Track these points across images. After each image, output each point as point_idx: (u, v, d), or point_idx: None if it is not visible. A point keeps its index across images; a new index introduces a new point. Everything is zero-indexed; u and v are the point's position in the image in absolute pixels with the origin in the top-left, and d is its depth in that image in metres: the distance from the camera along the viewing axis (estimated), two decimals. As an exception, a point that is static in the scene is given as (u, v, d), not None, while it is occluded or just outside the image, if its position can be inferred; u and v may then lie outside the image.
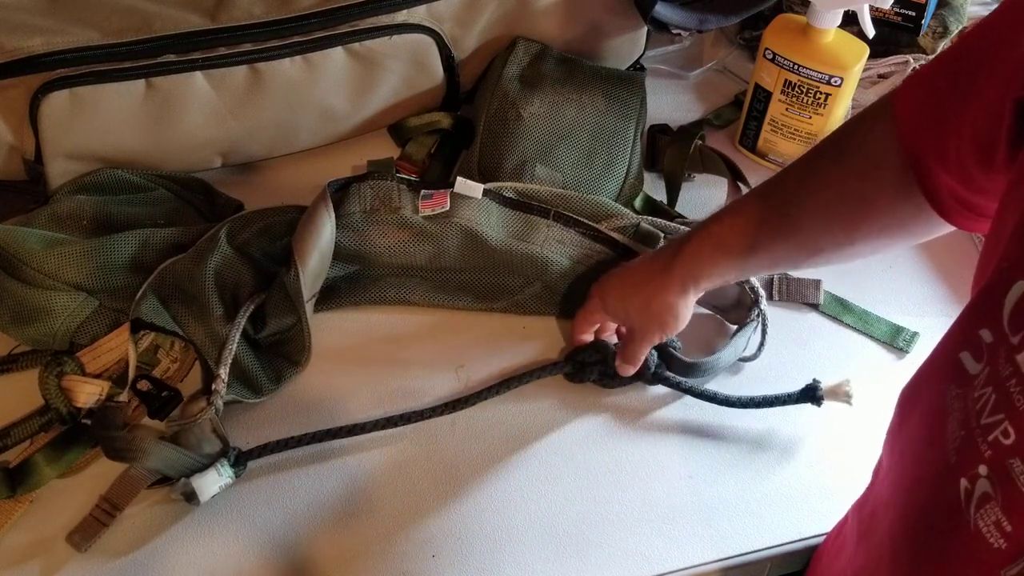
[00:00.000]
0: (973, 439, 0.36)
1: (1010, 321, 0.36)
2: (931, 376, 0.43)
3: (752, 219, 0.59)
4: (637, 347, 0.66)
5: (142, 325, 0.68)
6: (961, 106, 0.46)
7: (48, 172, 0.74)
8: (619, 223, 0.74)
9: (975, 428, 0.36)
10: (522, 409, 0.69)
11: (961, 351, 0.39)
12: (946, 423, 0.38)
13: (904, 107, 0.52)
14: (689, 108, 0.93)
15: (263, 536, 0.62)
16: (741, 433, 0.68)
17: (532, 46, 0.84)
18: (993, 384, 0.35)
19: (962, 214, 0.51)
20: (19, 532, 0.61)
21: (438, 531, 0.62)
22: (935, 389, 0.41)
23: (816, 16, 0.76)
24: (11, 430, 0.65)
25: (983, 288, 0.39)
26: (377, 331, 0.73)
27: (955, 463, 0.37)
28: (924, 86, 0.51)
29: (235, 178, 0.83)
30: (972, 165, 0.46)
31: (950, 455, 0.37)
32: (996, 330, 0.36)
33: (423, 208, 0.72)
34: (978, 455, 0.35)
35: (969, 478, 0.36)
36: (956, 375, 0.38)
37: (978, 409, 0.36)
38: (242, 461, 0.63)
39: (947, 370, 0.39)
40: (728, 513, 0.64)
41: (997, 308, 0.36)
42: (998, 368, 0.35)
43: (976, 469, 0.35)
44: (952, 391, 0.38)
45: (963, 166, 0.47)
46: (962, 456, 0.37)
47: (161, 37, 0.71)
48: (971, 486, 0.36)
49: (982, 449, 0.35)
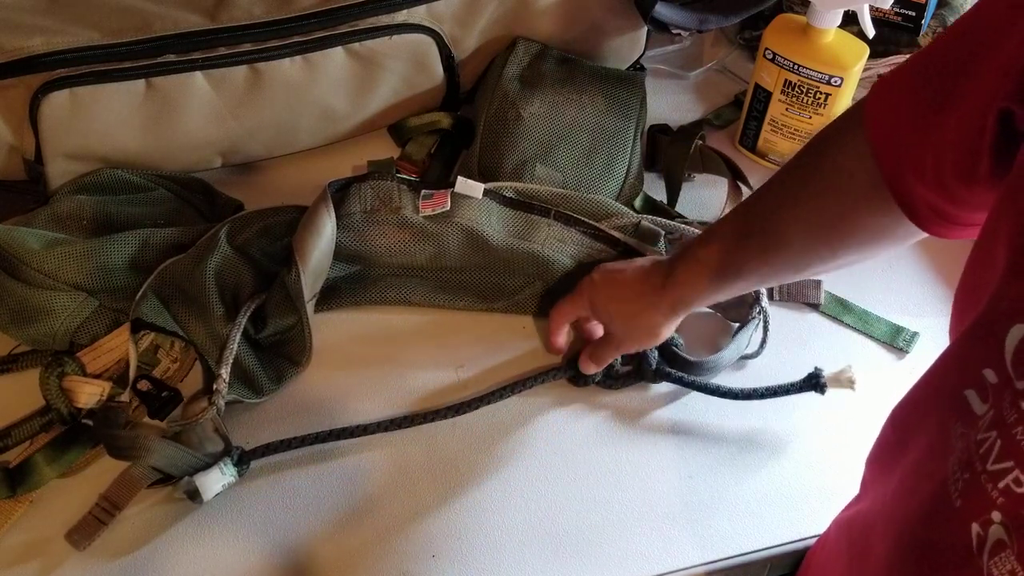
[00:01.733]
0: (980, 484, 0.35)
1: (1014, 364, 0.35)
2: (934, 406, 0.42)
3: (737, 243, 0.59)
4: (610, 352, 0.67)
5: (142, 325, 0.68)
6: (938, 116, 0.45)
7: (48, 172, 0.74)
8: (620, 222, 0.74)
9: (981, 472, 0.35)
10: (522, 409, 0.69)
11: (966, 388, 0.38)
12: (947, 461, 0.38)
13: (876, 118, 0.50)
14: (689, 108, 0.93)
15: (263, 536, 0.62)
16: (741, 433, 0.68)
17: (532, 46, 0.84)
18: (997, 428, 0.35)
19: (943, 225, 0.50)
20: (19, 532, 0.61)
21: (438, 531, 0.62)
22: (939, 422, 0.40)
23: (816, 16, 0.76)
24: (11, 430, 0.65)
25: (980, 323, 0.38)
26: (377, 331, 0.73)
27: (962, 506, 0.36)
28: (896, 94, 0.49)
29: (235, 178, 0.83)
30: (952, 178, 0.44)
31: (954, 497, 0.37)
32: (1000, 372, 0.36)
33: (423, 208, 0.72)
34: (989, 501, 0.35)
35: (981, 524, 0.35)
36: (961, 412, 0.38)
37: (982, 453, 0.35)
38: (245, 460, 0.63)
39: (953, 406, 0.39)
40: (727, 513, 0.64)
41: (998, 348, 0.36)
42: (1003, 412, 0.35)
43: (989, 515, 0.35)
44: (957, 429, 0.38)
45: (941, 178, 0.45)
46: (970, 500, 0.36)
47: (161, 37, 0.71)
48: (984, 532, 0.35)
49: (993, 496, 0.35)
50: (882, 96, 0.50)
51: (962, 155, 0.43)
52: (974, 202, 0.46)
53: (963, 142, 0.42)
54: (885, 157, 0.49)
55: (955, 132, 0.43)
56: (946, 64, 0.45)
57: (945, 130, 0.44)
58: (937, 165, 0.45)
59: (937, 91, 0.45)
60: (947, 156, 0.44)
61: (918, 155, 0.47)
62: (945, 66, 0.45)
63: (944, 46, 0.46)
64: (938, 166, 0.45)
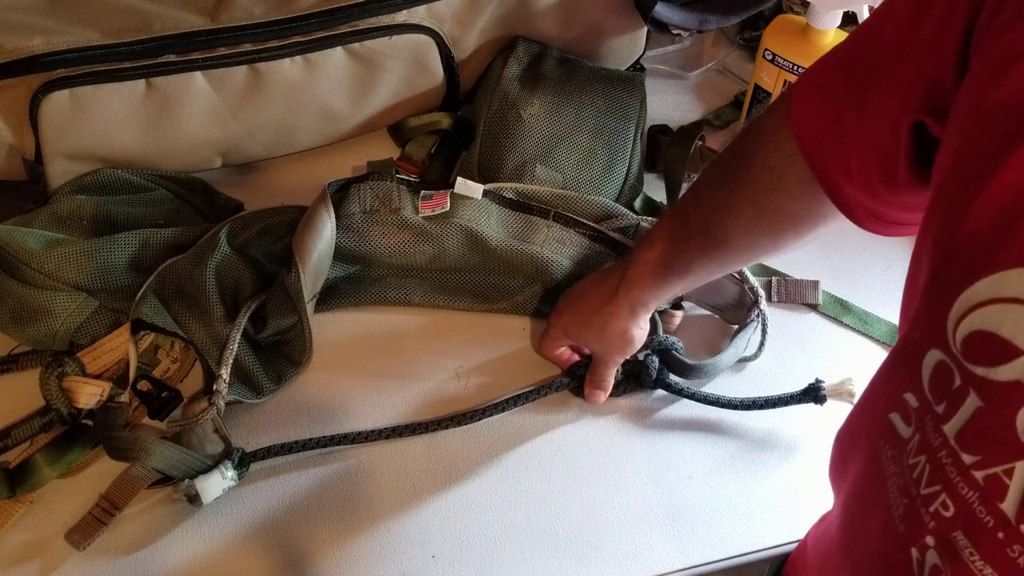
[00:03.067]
0: (916, 509, 0.36)
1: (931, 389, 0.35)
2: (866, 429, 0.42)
3: (679, 242, 0.60)
4: (603, 371, 0.67)
5: (142, 325, 0.68)
6: (858, 121, 0.45)
7: (48, 172, 0.74)
8: (619, 223, 0.74)
9: (916, 497, 0.36)
10: (522, 410, 0.69)
11: (891, 412, 0.38)
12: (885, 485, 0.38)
13: (801, 119, 0.50)
14: (689, 108, 0.93)
15: (262, 536, 0.62)
16: (741, 434, 0.68)
17: (532, 46, 0.84)
18: (926, 453, 0.35)
19: (876, 223, 0.50)
20: (19, 532, 0.61)
21: (438, 531, 0.62)
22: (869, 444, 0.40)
23: (816, 17, 0.76)
24: (11, 430, 0.65)
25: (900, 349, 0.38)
26: (377, 331, 0.73)
27: (903, 532, 0.36)
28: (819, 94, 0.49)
29: (235, 178, 0.83)
30: (876, 180, 0.45)
31: (897, 523, 0.37)
32: (919, 396, 0.36)
33: (423, 208, 0.72)
34: (923, 526, 0.35)
35: (919, 548, 0.35)
36: (888, 435, 0.38)
37: (915, 478, 0.36)
38: (245, 462, 0.63)
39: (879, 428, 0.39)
40: (728, 513, 0.64)
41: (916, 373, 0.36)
42: (927, 437, 0.35)
43: (924, 539, 0.35)
44: (887, 451, 0.38)
45: (867, 180, 0.46)
46: (908, 525, 0.36)
47: (161, 37, 0.71)
48: (921, 557, 0.35)
49: (925, 520, 0.35)
50: (806, 94, 0.50)
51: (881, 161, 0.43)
52: (901, 204, 0.46)
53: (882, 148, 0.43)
54: (813, 157, 0.50)
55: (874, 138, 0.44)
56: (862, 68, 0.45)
57: (864, 134, 0.44)
58: (862, 166, 0.46)
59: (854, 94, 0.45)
60: (869, 159, 0.44)
61: (843, 156, 0.47)
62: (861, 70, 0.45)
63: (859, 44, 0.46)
64: (863, 167, 0.46)
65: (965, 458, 0.33)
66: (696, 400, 0.68)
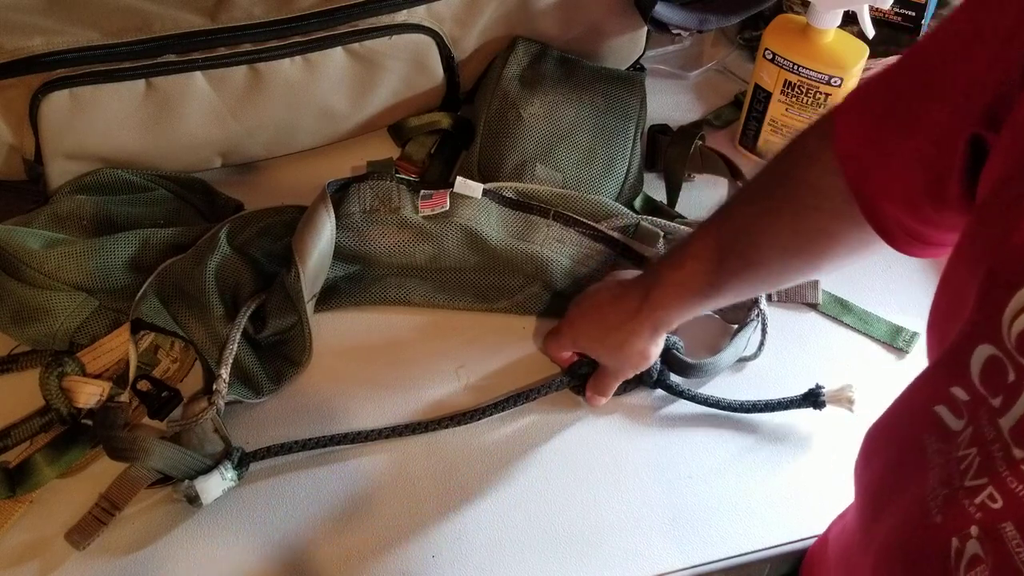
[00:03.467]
0: (958, 500, 0.36)
1: (984, 383, 0.36)
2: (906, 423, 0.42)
3: (711, 262, 0.58)
4: (610, 383, 0.67)
5: (142, 325, 0.68)
6: (905, 138, 0.45)
7: (48, 172, 0.74)
8: (619, 222, 0.74)
9: (959, 488, 0.36)
10: (522, 410, 0.68)
11: (936, 404, 0.38)
12: (925, 476, 0.38)
13: (844, 138, 0.50)
14: (689, 108, 0.93)
15: (262, 536, 0.62)
16: (741, 433, 0.68)
17: (532, 46, 0.84)
18: (978, 446, 0.36)
19: (915, 245, 0.50)
20: (19, 532, 0.61)
21: (438, 531, 0.62)
22: (910, 437, 0.40)
23: (816, 16, 0.76)
24: (11, 430, 0.65)
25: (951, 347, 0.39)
26: (377, 331, 0.73)
27: (942, 522, 0.37)
28: (864, 114, 0.49)
29: (235, 178, 0.83)
30: (922, 200, 0.45)
31: (934, 512, 0.37)
32: (970, 389, 0.36)
33: (423, 208, 0.72)
34: (967, 516, 0.35)
35: (960, 538, 0.36)
36: (934, 427, 0.38)
37: (962, 469, 0.36)
38: (245, 462, 0.63)
39: (923, 421, 0.39)
40: (728, 513, 0.64)
41: (963, 368, 0.36)
42: (982, 430, 0.35)
43: (968, 530, 0.35)
44: (933, 444, 0.38)
45: (911, 200, 0.45)
46: (948, 516, 0.36)
47: (161, 37, 0.71)
48: (962, 546, 0.36)
49: (970, 511, 0.35)
50: (850, 114, 0.50)
51: (932, 178, 0.43)
52: (944, 224, 0.46)
53: (932, 165, 0.43)
54: (855, 178, 0.49)
55: (923, 155, 0.43)
56: (911, 86, 0.45)
57: (913, 153, 0.44)
58: (906, 186, 0.45)
59: (903, 114, 0.45)
60: (916, 178, 0.44)
61: (887, 176, 0.47)
62: (910, 88, 0.45)
63: (908, 67, 0.46)
64: (907, 187, 0.45)
65: (1016, 452, 0.34)
66: (696, 402, 0.68)
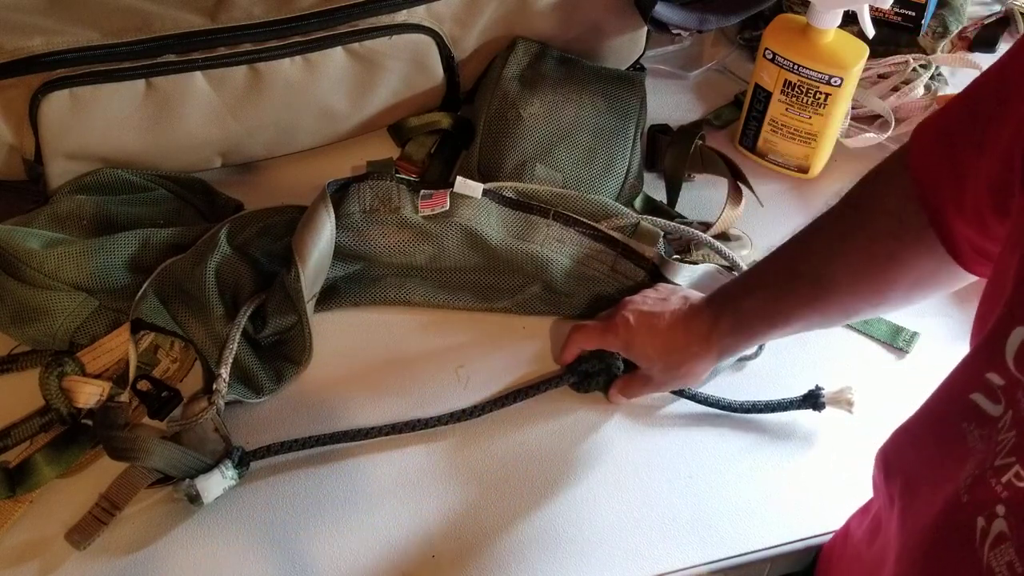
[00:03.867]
0: (986, 480, 0.37)
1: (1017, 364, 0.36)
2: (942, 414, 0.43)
3: (782, 290, 0.60)
4: (647, 391, 0.67)
5: (142, 325, 0.68)
6: (976, 157, 0.46)
7: (48, 172, 0.74)
8: (619, 222, 0.74)
9: (987, 468, 0.37)
10: (522, 409, 0.68)
11: (972, 392, 0.39)
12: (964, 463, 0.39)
13: (919, 160, 0.52)
14: (689, 108, 0.93)
15: (263, 535, 0.62)
16: (741, 433, 0.68)
17: (532, 46, 0.84)
18: (1017, 428, 0.36)
19: (981, 263, 0.51)
20: (19, 532, 0.61)
21: (438, 531, 0.62)
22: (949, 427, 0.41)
23: (816, 16, 0.76)
24: (11, 430, 0.65)
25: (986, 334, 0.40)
26: (377, 331, 0.73)
27: (967, 501, 0.37)
28: (938, 138, 0.51)
29: (235, 178, 0.83)
30: (989, 213, 0.46)
31: (962, 494, 0.38)
32: (1004, 374, 0.37)
33: (423, 208, 0.72)
34: (993, 495, 0.36)
35: (986, 516, 0.36)
36: (973, 415, 0.39)
37: (997, 451, 0.37)
38: (246, 461, 0.63)
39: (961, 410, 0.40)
40: (728, 513, 0.64)
41: (999, 352, 0.37)
42: (1021, 412, 0.36)
43: (993, 508, 0.36)
44: (973, 431, 0.39)
45: (980, 215, 0.47)
46: (975, 495, 0.37)
47: (161, 37, 0.71)
48: (987, 525, 0.36)
49: (997, 490, 0.36)
50: (925, 139, 0.52)
51: (997, 191, 0.45)
52: None
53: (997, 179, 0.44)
54: (929, 196, 0.51)
55: (990, 171, 0.45)
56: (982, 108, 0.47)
57: (981, 169, 0.46)
58: (976, 202, 0.47)
59: (975, 133, 0.47)
60: (984, 192, 0.46)
61: (959, 193, 0.49)
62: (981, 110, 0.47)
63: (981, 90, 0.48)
64: (976, 203, 0.47)
65: None
66: (695, 401, 0.68)
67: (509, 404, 0.67)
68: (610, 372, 0.68)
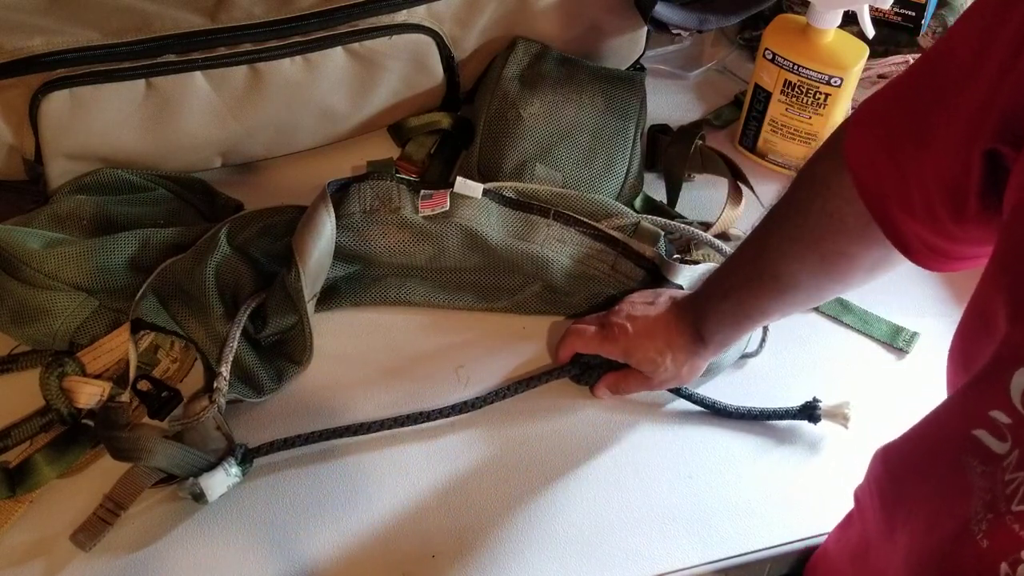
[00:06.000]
0: (1006, 524, 0.36)
1: None
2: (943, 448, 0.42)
3: (752, 292, 0.61)
4: (642, 388, 0.68)
5: (142, 325, 0.68)
6: (918, 151, 0.44)
7: (48, 172, 0.74)
8: (619, 222, 0.74)
9: (1006, 513, 0.36)
10: (522, 409, 0.69)
11: (974, 428, 0.38)
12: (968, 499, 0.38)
13: (856, 157, 0.49)
14: (689, 108, 0.93)
15: (264, 535, 0.62)
16: (741, 433, 0.68)
17: (532, 46, 0.84)
18: None
19: (937, 260, 0.50)
20: (19, 532, 0.61)
21: (438, 531, 0.62)
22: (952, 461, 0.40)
23: (816, 16, 0.76)
24: (11, 430, 0.65)
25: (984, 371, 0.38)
26: (377, 331, 0.73)
27: (988, 547, 0.37)
28: (877, 128, 0.48)
29: (235, 178, 0.83)
30: (941, 214, 0.44)
31: (979, 538, 0.37)
32: (1011, 413, 0.36)
33: (423, 208, 0.72)
34: (1017, 541, 0.35)
35: (1010, 563, 0.36)
36: (977, 451, 0.38)
37: (1008, 494, 0.36)
38: (249, 459, 0.63)
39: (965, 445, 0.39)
40: (728, 513, 0.64)
41: (1003, 392, 0.36)
42: None
43: (1018, 554, 0.35)
44: (976, 467, 0.38)
45: (932, 214, 0.45)
46: (996, 540, 0.36)
47: (161, 37, 0.71)
48: (1012, 571, 0.36)
49: (1021, 535, 0.35)
50: (862, 129, 0.50)
51: (948, 194, 0.43)
52: (967, 238, 0.46)
53: (948, 181, 0.42)
54: (871, 197, 0.49)
55: (938, 170, 0.43)
56: (923, 99, 0.44)
57: (927, 166, 0.44)
58: (925, 200, 0.45)
59: (915, 125, 0.44)
60: (934, 192, 0.44)
61: (903, 192, 0.47)
62: (923, 101, 0.44)
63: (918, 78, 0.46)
64: (926, 201, 0.45)
65: None
66: (693, 402, 0.69)
67: (509, 396, 0.68)
68: (611, 365, 0.68)
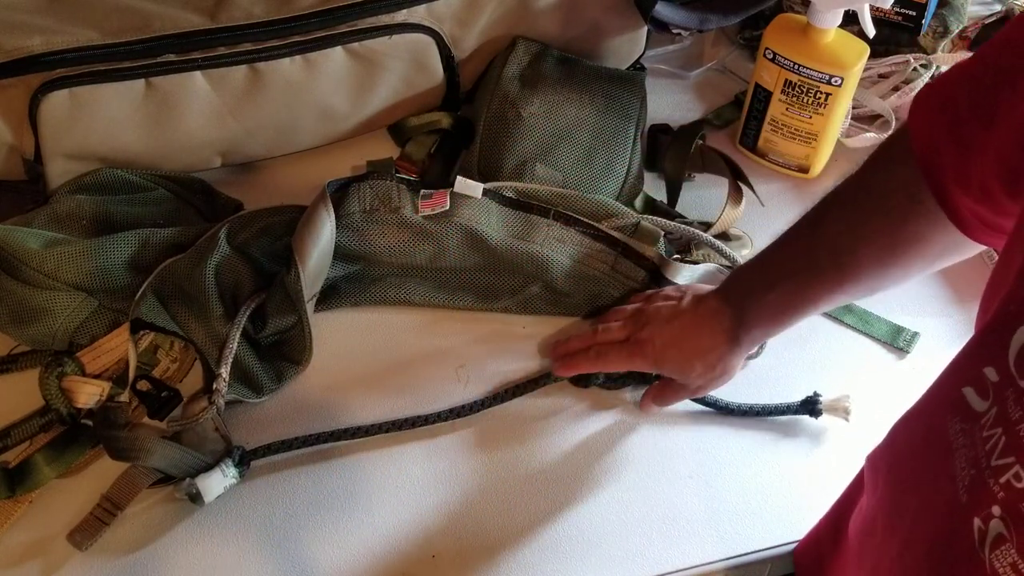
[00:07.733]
0: (984, 480, 0.36)
1: (1017, 363, 0.36)
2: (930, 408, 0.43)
3: (808, 279, 0.60)
4: (681, 398, 0.67)
5: (142, 325, 0.68)
6: (983, 130, 0.45)
7: (48, 172, 0.74)
8: (619, 222, 0.74)
9: (985, 468, 0.36)
10: (522, 409, 0.69)
11: (964, 386, 0.39)
12: (951, 458, 0.38)
13: (919, 132, 0.51)
14: (689, 108, 0.93)
15: (263, 535, 0.62)
16: (742, 433, 0.68)
17: (532, 46, 0.84)
18: (1003, 426, 0.36)
19: (991, 235, 0.50)
20: (19, 532, 0.61)
21: (438, 531, 0.62)
22: (936, 422, 0.40)
23: (816, 16, 0.76)
24: (11, 430, 0.65)
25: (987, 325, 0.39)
26: (377, 331, 0.73)
27: (967, 502, 0.37)
28: (939, 108, 0.49)
29: (235, 178, 0.83)
30: (998, 191, 0.45)
31: (960, 493, 0.37)
32: (1002, 370, 0.36)
33: (423, 208, 0.72)
34: (990, 496, 0.36)
35: (983, 518, 0.36)
36: (959, 409, 0.38)
37: (988, 450, 0.36)
38: (246, 460, 0.63)
39: (948, 404, 0.39)
40: (728, 513, 0.64)
41: (1002, 348, 0.37)
42: (1007, 410, 0.36)
43: (989, 509, 0.36)
44: (956, 426, 0.38)
45: (987, 191, 0.46)
46: (973, 496, 0.37)
47: (161, 37, 0.71)
48: (984, 527, 0.36)
49: (994, 491, 0.35)
50: (927, 109, 0.51)
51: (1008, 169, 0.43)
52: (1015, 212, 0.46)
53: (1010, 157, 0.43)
54: (930, 168, 0.50)
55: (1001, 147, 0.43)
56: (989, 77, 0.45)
57: (990, 144, 0.44)
58: (983, 177, 0.46)
59: (980, 105, 0.45)
60: (993, 170, 0.44)
61: (962, 167, 0.47)
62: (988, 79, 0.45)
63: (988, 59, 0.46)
64: (984, 178, 0.46)
65: None
66: (694, 401, 0.68)
67: (508, 399, 0.68)
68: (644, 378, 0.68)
